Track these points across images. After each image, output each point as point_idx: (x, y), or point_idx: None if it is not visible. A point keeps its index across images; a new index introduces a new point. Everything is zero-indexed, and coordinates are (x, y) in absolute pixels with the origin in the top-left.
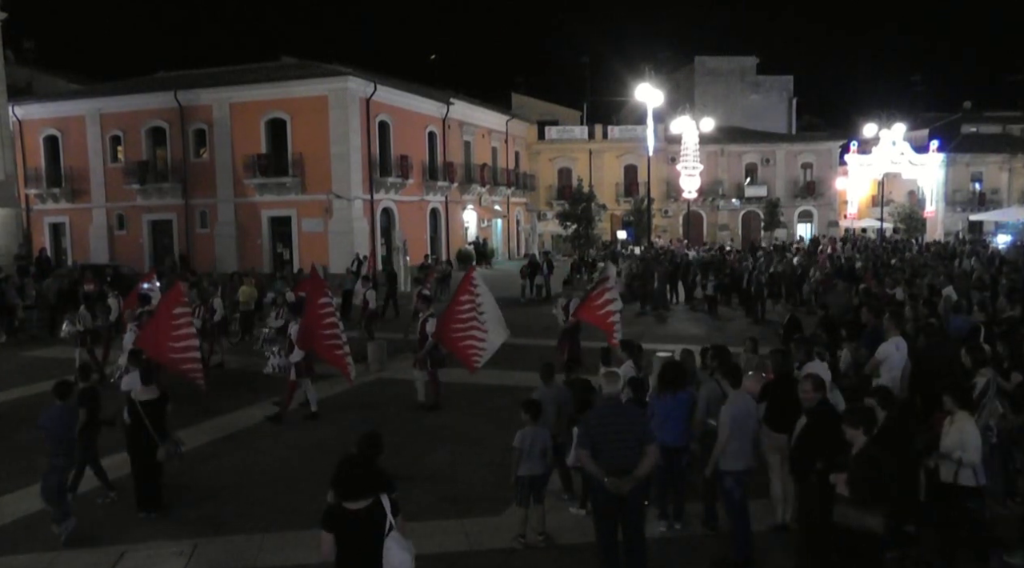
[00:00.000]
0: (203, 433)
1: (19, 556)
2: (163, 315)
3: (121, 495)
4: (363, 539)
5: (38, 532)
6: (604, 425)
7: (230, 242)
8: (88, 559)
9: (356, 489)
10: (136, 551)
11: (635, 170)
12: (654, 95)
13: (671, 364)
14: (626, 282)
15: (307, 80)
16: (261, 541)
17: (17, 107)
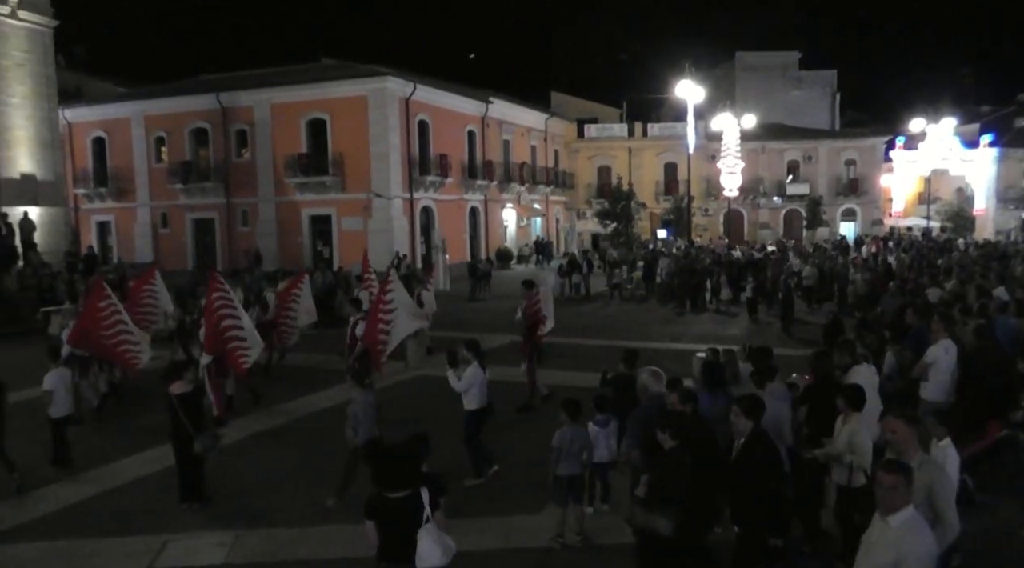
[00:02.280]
0: (243, 428)
1: (63, 542)
2: (90, 310)
3: (165, 486)
4: (400, 528)
5: (82, 519)
6: (652, 424)
7: (271, 240)
8: (131, 548)
9: (390, 479)
10: (178, 541)
11: (675, 168)
12: (694, 92)
13: (709, 364)
14: (666, 281)
15: (347, 81)
16: (301, 535)
17: (67, 110)
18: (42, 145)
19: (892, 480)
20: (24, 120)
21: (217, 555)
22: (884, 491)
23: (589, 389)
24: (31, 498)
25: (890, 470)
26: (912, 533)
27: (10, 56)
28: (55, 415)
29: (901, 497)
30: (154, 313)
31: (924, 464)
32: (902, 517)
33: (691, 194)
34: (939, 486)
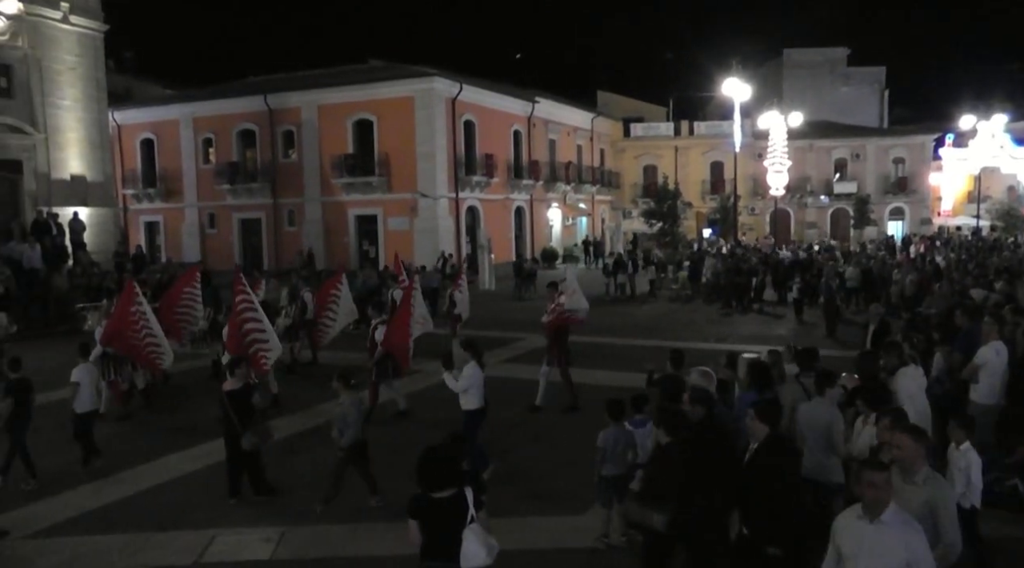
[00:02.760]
0: (292, 425)
1: (114, 536)
2: (122, 312)
3: (212, 481)
4: (446, 528)
5: (133, 514)
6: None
7: (317, 240)
8: (180, 542)
9: (434, 479)
10: (226, 536)
11: (721, 167)
12: (741, 89)
13: (755, 364)
14: (711, 281)
15: (393, 81)
16: (347, 532)
17: (117, 113)
18: (92, 147)
19: (883, 478)
20: (75, 122)
21: (263, 551)
22: (876, 491)
23: (634, 389)
24: (82, 492)
25: (879, 468)
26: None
27: (62, 60)
28: (80, 410)
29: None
30: (192, 315)
31: (928, 480)
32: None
33: (737, 193)
34: (943, 503)
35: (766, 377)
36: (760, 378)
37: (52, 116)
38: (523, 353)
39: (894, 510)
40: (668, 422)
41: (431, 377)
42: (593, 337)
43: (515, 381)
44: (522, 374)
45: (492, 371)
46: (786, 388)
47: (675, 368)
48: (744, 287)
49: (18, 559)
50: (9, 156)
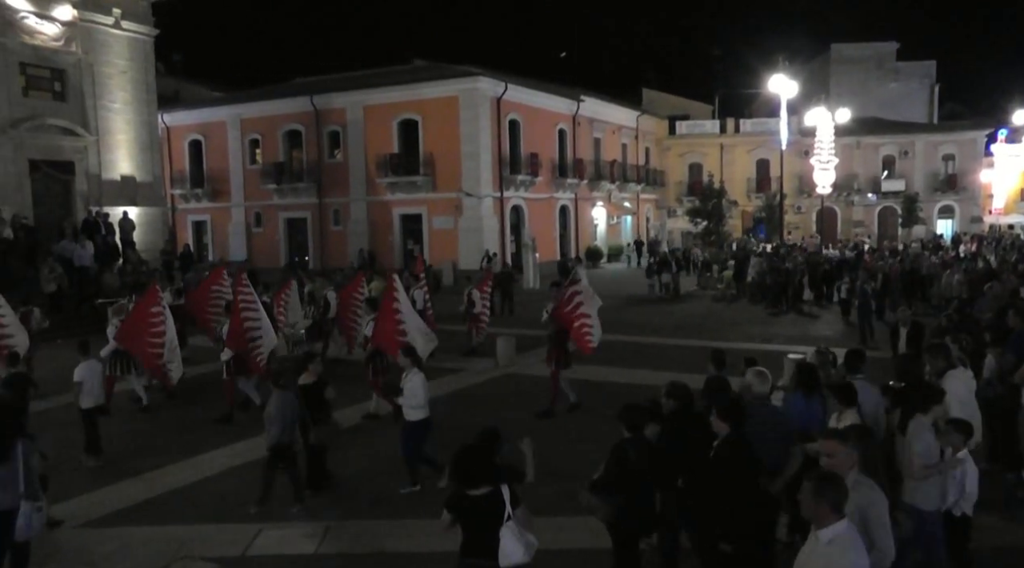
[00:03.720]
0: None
1: (162, 527)
2: (140, 313)
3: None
4: (482, 525)
5: (180, 506)
6: (759, 424)
7: (362, 239)
8: (227, 535)
9: (469, 477)
10: (271, 529)
11: (767, 165)
12: (788, 86)
13: (803, 366)
14: (756, 280)
15: (438, 81)
16: (390, 527)
17: (165, 115)
18: (141, 148)
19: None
20: (125, 124)
21: (308, 545)
22: (810, 501)
23: None
24: (130, 485)
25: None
26: (844, 551)
27: (113, 64)
28: (84, 406)
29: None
30: (220, 312)
31: (858, 485)
32: (832, 532)
33: (783, 191)
34: (873, 510)
35: (812, 379)
36: (806, 380)
37: (103, 118)
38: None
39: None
40: (628, 419)
41: (475, 375)
42: (637, 336)
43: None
44: (569, 374)
45: (537, 370)
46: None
47: (717, 369)
48: (785, 287)
49: (71, 548)
50: (62, 157)
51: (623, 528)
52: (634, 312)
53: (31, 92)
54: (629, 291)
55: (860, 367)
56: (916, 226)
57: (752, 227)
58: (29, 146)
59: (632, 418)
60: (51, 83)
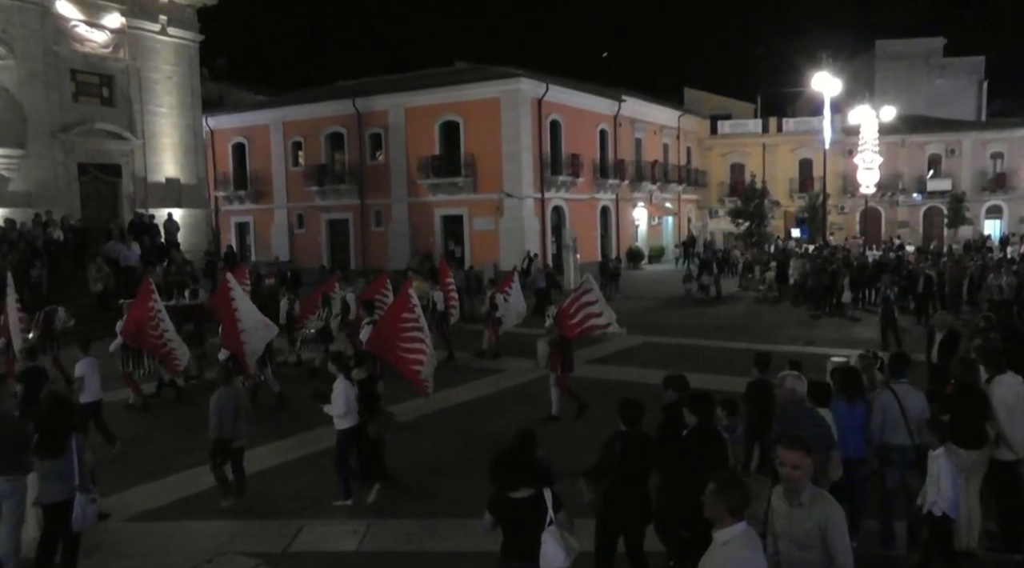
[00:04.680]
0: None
1: (205, 522)
2: (140, 308)
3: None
4: (524, 528)
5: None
6: (800, 428)
7: (403, 240)
8: (270, 531)
9: (507, 480)
10: (313, 527)
11: (810, 164)
12: (831, 84)
13: (845, 370)
14: (798, 282)
15: (480, 83)
16: (433, 526)
17: (210, 118)
18: (186, 151)
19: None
20: (170, 128)
21: (350, 542)
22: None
23: (722, 392)
24: (174, 480)
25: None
26: (736, 552)
27: (159, 70)
28: (84, 401)
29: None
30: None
31: (815, 500)
32: (728, 534)
33: (826, 191)
34: (833, 523)
35: (855, 383)
36: (848, 384)
37: (149, 123)
38: (608, 354)
39: (740, 532)
40: (625, 413)
41: (515, 376)
42: (679, 338)
43: (603, 382)
44: (610, 375)
45: (579, 371)
46: (878, 396)
47: (761, 371)
48: (827, 289)
49: (117, 541)
50: (110, 160)
51: (605, 516)
52: (675, 314)
53: (81, 98)
54: (670, 293)
55: (904, 371)
56: (963, 227)
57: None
58: (78, 150)
59: (629, 413)
60: (100, 89)
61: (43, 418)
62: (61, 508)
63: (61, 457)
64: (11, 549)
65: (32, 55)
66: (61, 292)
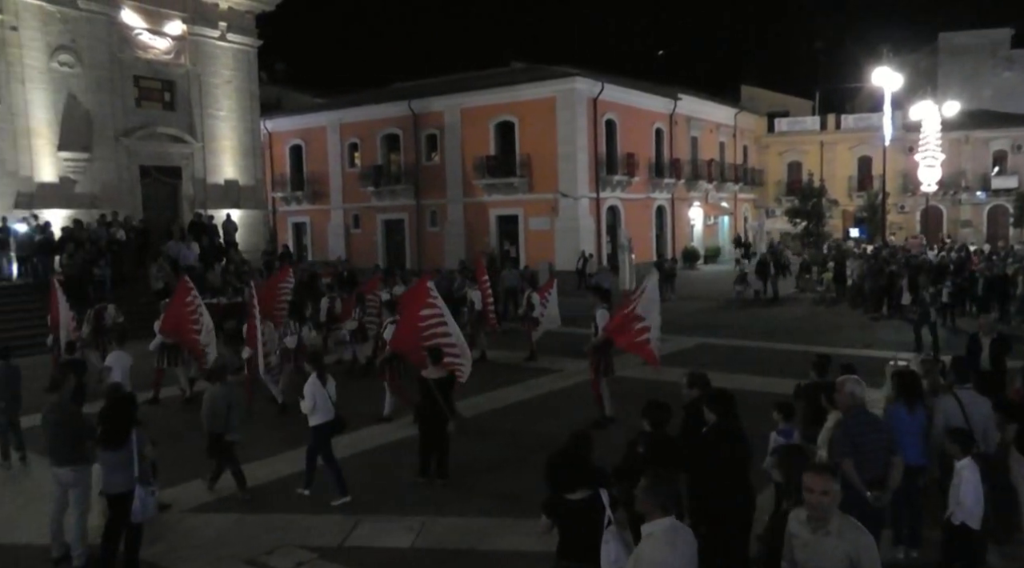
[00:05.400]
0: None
1: (263, 515)
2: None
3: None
4: (581, 529)
5: (287, 493)
6: (861, 433)
7: (458, 240)
8: (326, 525)
9: (564, 481)
10: (369, 522)
11: (869, 162)
12: (892, 79)
13: (905, 374)
14: (856, 283)
15: (535, 83)
16: (487, 525)
17: (268, 121)
18: (244, 153)
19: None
20: (229, 131)
21: (404, 539)
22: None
23: (778, 395)
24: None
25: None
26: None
27: (219, 74)
28: None
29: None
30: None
31: (844, 529)
32: (651, 527)
33: (886, 190)
34: (865, 554)
35: (915, 388)
36: (908, 389)
37: (209, 126)
38: (663, 355)
39: (667, 526)
40: (650, 415)
41: (571, 377)
42: (734, 340)
43: (657, 384)
44: (663, 376)
45: (633, 372)
46: (940, 401)
47: (819, 375)
48: (886, 290)
49: (178, 532)
50: (171, 163)
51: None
52: (731, 315)
53: (143, 103)
54: (726, 293)
55: (968, 376)
56: None
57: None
58: (140, 153)
59: (654, 414)
60: (161, 94)
61: (106, 411)
62: (123, 499)
63: (122, 449)
64: (78, 536)
65: (98, 63)
66: (123, 290)
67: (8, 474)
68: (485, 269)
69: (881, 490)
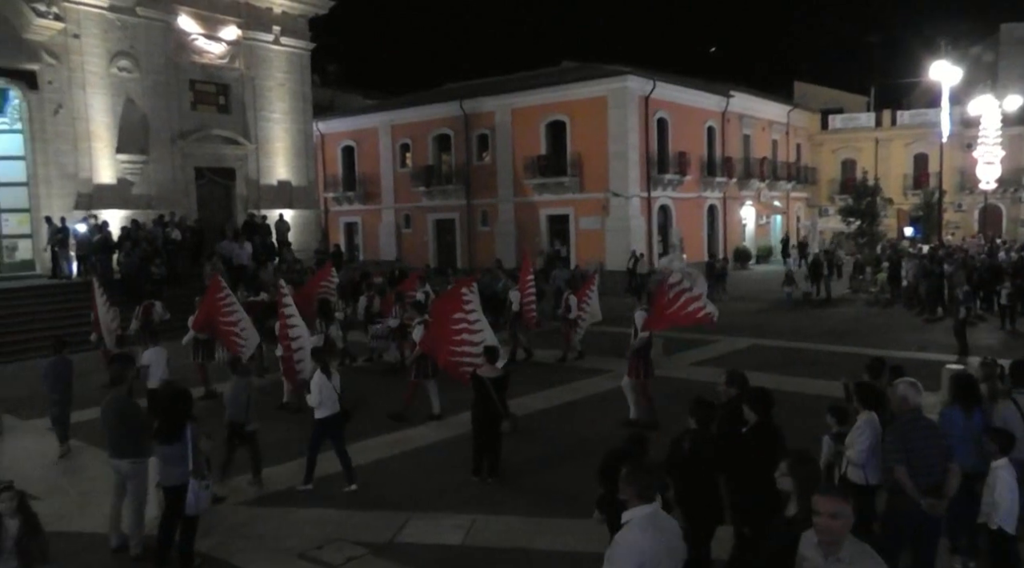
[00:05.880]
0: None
1: (316, 510)
2: (210, 301)
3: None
4: None
5: (336, 492)
6: (916, 440)
7: (509, 240)
8: (378, 521)
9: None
10: (420, 519)
11: (925, 159)
12: (950, 73)
13: (962, 378)
14: (911, 284)
15: (586, 82)
16: (537, 525)
17: (320, 123)
18: (297, 155)
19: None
20: (282, 133)
21: (455, 536)
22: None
23: (829, 398)
24: (286, 469)
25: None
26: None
27: (273, 78)
28: (150, 385)
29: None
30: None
31: (858, 556)
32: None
33: (942, 188)
34: None
35: (972, 393)
36: (965, 394)
37: (262, 128)
38: (714, 356)
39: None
40: (697, 413)
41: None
42: (787, 341)
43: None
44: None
45: (683, 373)
46: (998, 407)
47: (872, 378)
48: (941, 291)
49: (232, 524)
50: (225, 164)
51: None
52: (783, 316)
53: (199, 106)
54: (779, 294)
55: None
56: None
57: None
58: (195, 155)
59: (701, 412)
60: (216, 97)
61: (162, 407)
62: (179, 491)
63: (178, 443)
64: (135, 526)
65: (155, 68)
66: (178, 288)
67: (68, 466)
68: (531, 268)
69: (937, 498)
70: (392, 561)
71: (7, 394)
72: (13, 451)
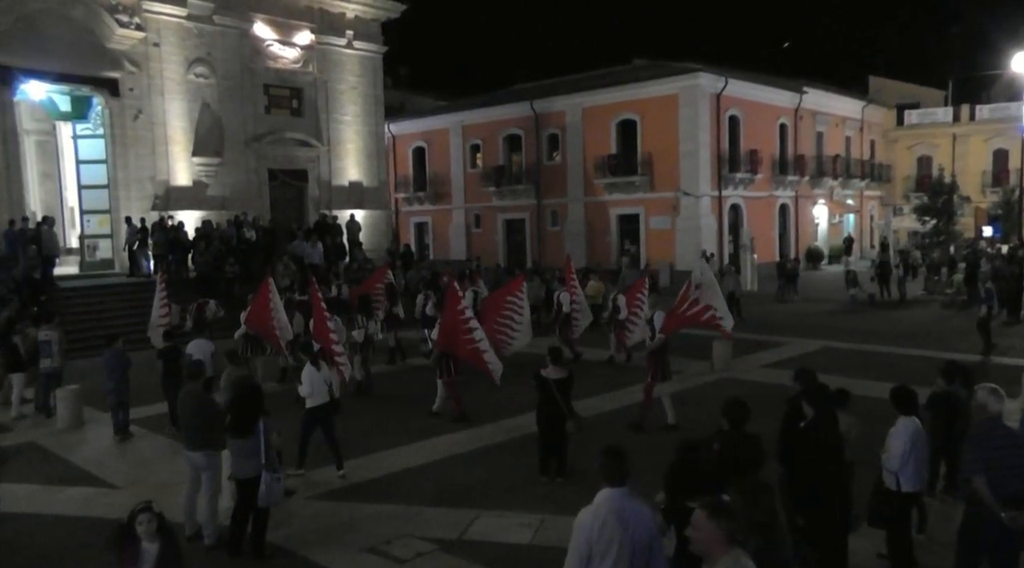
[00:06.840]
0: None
1: (387, 505)
2: (261, 300)
3: (477, 465)
4: None
5: (409, 486)
6: (995, 448)
7: (579, 239)
8: (447, 517)
9: (684, 488)
10: (488, 517)
11: (1006, 155)
12: None
13: None
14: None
15: (657, 80)
16: None
17: (392, 124)
18: (368, 156)
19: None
20: (354, 135)
21: (523, 535)
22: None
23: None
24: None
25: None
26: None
27: (345, 81)
28: None
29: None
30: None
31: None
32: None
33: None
34: None
35: None
36: None
37: (334, 130)
38: (784, 358)
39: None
40: (729, 413)
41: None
42: (858, 343)
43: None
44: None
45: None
46: None
47: (947, 382)
48: (1017, 293)
49: (303, 517)
50: (297, 166)
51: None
52: (855, 317)
53: (272, 110)
54: (836, 299)
55: None
56: None
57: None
58: (269, 157)
59: (733, 413)
60: (289, 101)
61: (235, 402)
62: (251, 483)
63: (251, 437)
64: (209, 516)
65: (231, 73)
66: (251, 287)
67: (145, 457)
68: (573, 270)
69: (1017, 510)
70: (460, 557)
71: (87, 387)
72: (95, 441)
